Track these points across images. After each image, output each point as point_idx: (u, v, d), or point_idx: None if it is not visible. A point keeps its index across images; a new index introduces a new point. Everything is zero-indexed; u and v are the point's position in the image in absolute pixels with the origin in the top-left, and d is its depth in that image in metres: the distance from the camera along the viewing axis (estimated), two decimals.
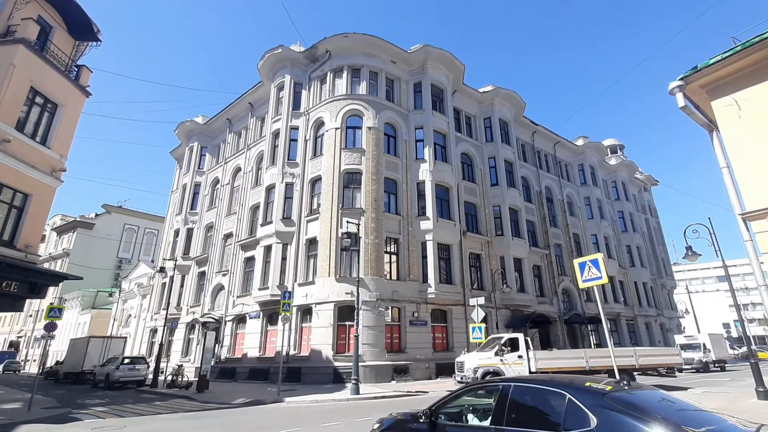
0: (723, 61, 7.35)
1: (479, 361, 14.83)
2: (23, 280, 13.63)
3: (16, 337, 54.44)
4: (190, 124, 33.47)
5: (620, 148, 46.45)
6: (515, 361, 14.43)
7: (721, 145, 7.94)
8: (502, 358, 14.57)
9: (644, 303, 37.81)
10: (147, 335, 32.11)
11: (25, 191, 14.31)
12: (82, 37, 17.63)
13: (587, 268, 10.31)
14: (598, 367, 14.24)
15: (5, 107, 13.41)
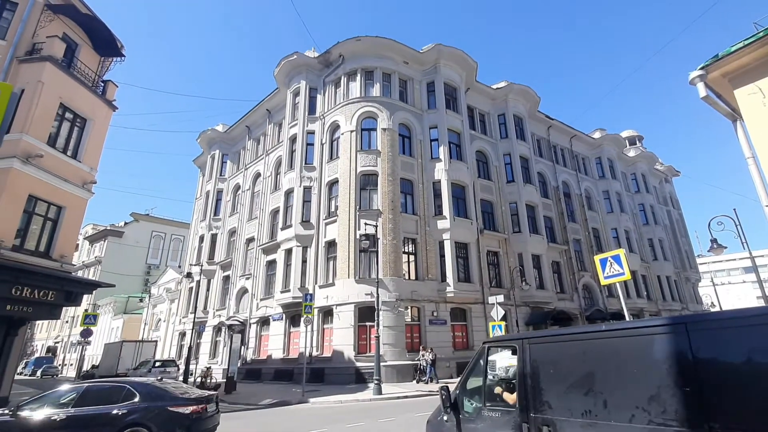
0: (745, 48, 7.19)
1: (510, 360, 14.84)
2: (59, 289, 14.28)
3: (54, 343, 56.73)
4: (211, 133, 34.34)
5: (639, 139, 45.36)
6: None
7: (745, 134, 7.76)
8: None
9: (668, 297, 36.87)
10: (176, 338, 33.09)
11: (59, 204, 14.98)
12: (107, 53, 18.33)
13: (609, 264, 10.20)
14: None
15: (36, 123, 14.06)
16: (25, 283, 12.95)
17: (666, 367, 2.92)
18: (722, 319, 2.97)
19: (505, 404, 4.07)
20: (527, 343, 4.00)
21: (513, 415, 3.83)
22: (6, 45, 14.63)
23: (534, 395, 3.71)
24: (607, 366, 3.32)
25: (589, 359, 3.45)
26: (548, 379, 3.67)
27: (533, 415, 3.63)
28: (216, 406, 8.29)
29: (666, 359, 2.94)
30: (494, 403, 4.19)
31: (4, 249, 12.61)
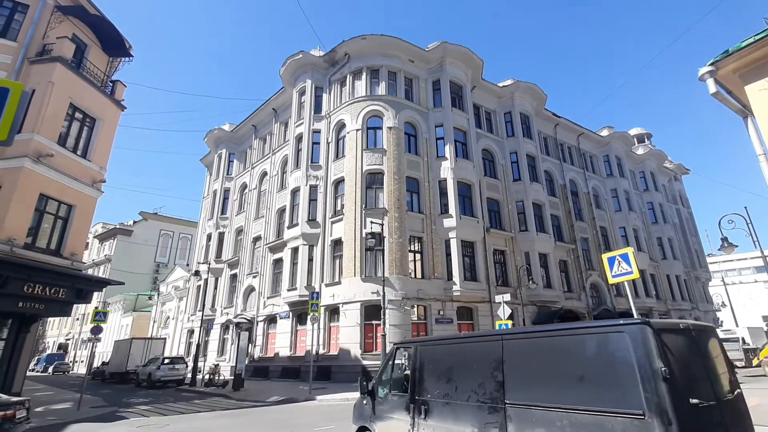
0: (756, 44, 7.08)
1: None
2: (70, 287, 14.51)
3: (65, 340, 57.60)
4: (218, 132, 34.58)
5: (648, 137, 44.85)
6: None
7: (756, 131, 7.65)
8: None
9: (677, 296, 36.44)
10: (185, 336, 33.42)
11: (69, 202, 15.20)
12: (116, 53, 18.54)
13: (617, 263, 10.11)
14: None
15: (47, 123, 14.26)
16: (37, 280, 13.17)
17: (489, 364, 4.34)
18: (521, 333, 4.52)
19: (403, 391, 5.39)
20: (419, 346, 5.44)
21: (405, 399, 5.26)
22: (17, 46, 14.86)
23: (419, 384, 5.10)
24: (460, 363, 4.77)
25: (451, 358, 4.91)
26: (428, 373, 5.07)
27: (417, 398, 5.03)
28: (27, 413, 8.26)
29: (490, 359, 4.35)
30: (397, 390, 5.53)
31: (16, 247, 12.82)
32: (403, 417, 5.11)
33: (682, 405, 3.07)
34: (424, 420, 4.80)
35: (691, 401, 3.18)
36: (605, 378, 3.41)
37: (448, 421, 4.53)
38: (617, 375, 3.33)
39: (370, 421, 5.69)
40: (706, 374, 3.58)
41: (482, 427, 4.13)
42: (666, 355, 3.19)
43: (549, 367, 3.86)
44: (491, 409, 4.12)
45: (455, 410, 4.51)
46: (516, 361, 4.13)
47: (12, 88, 2.80)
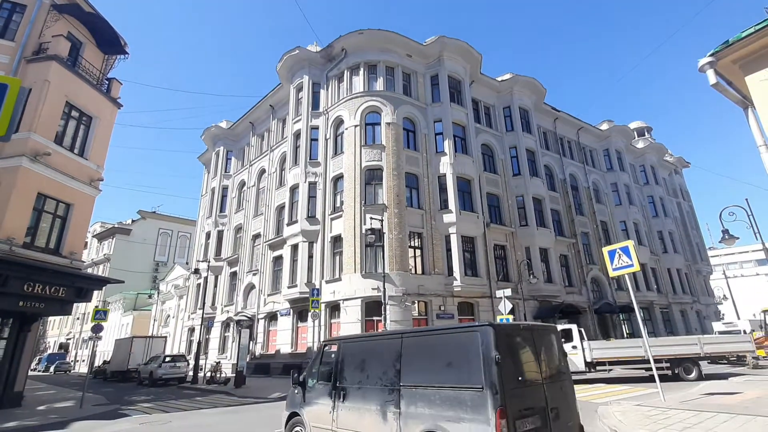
0: (756, 33, 7.02)
1: None
2: (70, 285, 14.53)
3: (65, 339, 57.72)
4: (215, 129, 34.46)
5: (648, 130, 44.76)
6: (570, 352, 14.53)
7: (757, 122, 7.60)
8: None
9: (678, 290, 36.50)
10: (185, 334, 33.46)
11: (67, 201, 15.18)
12: (111, 51, 18.45)
13: (617, 256, 10.15)
14: (658, 356, 14.03)
15: (43, 122, 14.22)
16: (37, 279, 13.17)
17: (391, 357, 5.45)
18: (413, 332, 5.69)
19: (327, 380, 6.32)
20: (342, 343, 6.51)
21: (329, 386, 6.20)
22: (15, 46, 14.79)
23: (340, 374, 6.12)
24: (371, 356, 5.85)
25: (364, 353, 6.01)
26: (347, 364, 6.09)
27: (338, 385, 6.04)
28: None
29: (392, 352, 5.47)
30: (323, 380, 6.46)
31: (15, 246, 12.79)
32: (327, 402, 6.13)
33: (510, 381, 4.29)
34: (342, 402, 5.88)
35: (519, 379, 4.47)
36: (463, 364, 4.60)
37: (359, 402, 5.65)
38: (470, 361, 4.52)
39: (300, 407, 6.65)
40: (537, 361, 4.85)
41: (383, 404, 5.29)
42: (500, 348, 4.39)
43: (430, 357, 5.06)
44: (390, 390, 5.28)
45: (365, 393, 5.63)
46: (409, 354, 5.31)
47: (10, 84, 2.78)
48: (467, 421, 4.31)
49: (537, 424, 4.46)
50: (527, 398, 4.50)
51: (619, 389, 12.90)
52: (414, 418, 4.84)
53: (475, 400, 4.30)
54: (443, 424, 4.50)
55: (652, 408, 8.48)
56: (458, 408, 4.43)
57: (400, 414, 5.00)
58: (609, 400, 10.37)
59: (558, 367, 5.16)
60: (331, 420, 5.91)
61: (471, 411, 4.31)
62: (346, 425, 5.69)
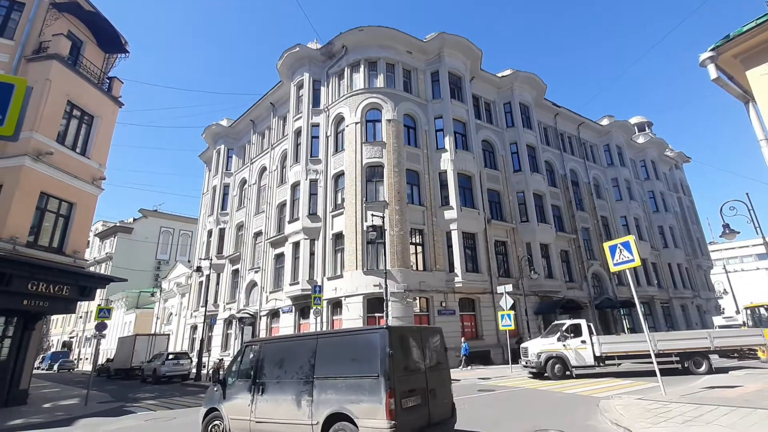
0: (757, 28, 7.01)
1: (542, 347, 15.33)
2: (74, 284, 14.59)
3: (69, 338, 57.95)
4: (215, 128, 34.46)
5: (648, 125, 44.67)
6: (579, 346, 14.80)
7: (758, 116, 7.59)
8: (564, 343, 14.97)
9: (679, 285, 36.55)
10: (188, 332, 33.61)
11: (70, 200, 15.22)
12: (111, 49, 18.42)
13: (618, 251, 10.17)
14: (667, 350, 14.18)
15: (45, 121, 14.22)
16: (41, 278, 13.24)
17: (308, 354, 6.45)
18: (328, 334, 7.03)
19: (247, 378, 7.08)
20: (263, 343, 7.39)
21: (249, 383, 6.96)
22: (14, 45, 14.77)
23: (260, 371, 6.95)
24: (289, 354, 6.78)
25: (284, 351, 6.94)
26: (267, 362, 6.95)
27: (257, 381, 6.86)
28: None
29: (309, 350, 6.48)
30: (243, 378, 7.19)
31: (18, 245, 12.85)
32: (246, 396, 6.89)
33: (399, 370, 5.61)
34: (261, 396, 6.71)
35: (405, 368, 5.83)
36: (365, 358, 5.78)
37: (277, 394, 6.53)
38: (370, 356, 5.71)
39: (219, 403, 7.30)
40: (422, 354, 6.30)
41: (299, 393, 6.24)
42: (393, 345, 5.68)
43: (340, 354, 6.16)
44: (305, 382, 6.24)
45: (283, 386, 6.52)
46: (323, 351, 6.32)
47: (17, 84, 2.81)
48: (366, 402, 5.49)
49: (418, 401, 5.82)
50: (412, 382, 5.86)
51: (621, 383, 12.97)
52: (324, 403, 5.90)
53: (372, 385, 5.51)
54: (347, 406, 5.65)
55: (653, 402, 8.54)
56: (359, 392, 5.60)
57: (313, 401, 6.03)
58: (610, 394, 10.43)
59: (438, 359, 6.60)
60: (249, 411, 6.75)
61: (368, 394, 5.49)
62: (264, 415, 6.58)
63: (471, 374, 16.95)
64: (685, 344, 14.31)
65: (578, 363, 14.68)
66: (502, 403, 10.43)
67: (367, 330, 6.37)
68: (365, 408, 5.45)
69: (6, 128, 2.71)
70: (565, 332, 15.16)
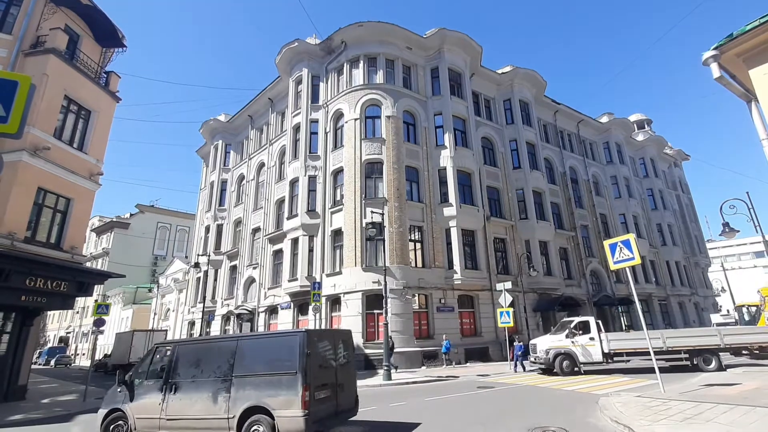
0: (761, 27, 6.98)
1: (551, 343, 15.51)
2: (72, 280, 14.51)
3: (65, 333, 57.82)
4: (213, 123, 34.26)
5: (648, 123, 44.70)
6: (587, 343, 14.97)
7: (760, 115, 7.60)
8: (572, 340, 15.15)
9: (677, 282, 36.74)
10: (186, 327, 33.57)
11: (67, 196, 15.10)
12: (109, 43, 18.23)
13: (618, 249, 10.19)
14: (676, 347, 14.29)
15: (43, 116, 14.09)
16: (39, 274, 13.16)
17: (227, 354, 6.95)
18: (249, 336, 7.47)
19: (158, 378, 7.33)
20: (178, 345, 7.66)
21: (160, 382, 7.20)
22: (12, 39, 14.60)
23: (173, 371, 7.18)
24: (207, 354, 7.20)
25: (201, 352, 7.36)
26: (182, 363, 7.25)
27: (170, 381, 7.12)
28: None
29: (228, 351, 6.98)
30: (153, 378, 7.42)
31: (16, 241, 12.77)
32: (157, 396, 7.13)
33: (313, 366, 6.46)
34: (173, 395, 6.98)
35: (319, 365, 6.70)
36: (285, 357, 6.50)
37: (192, 392, 6.89)
38: (290, 356, 6.46)
39: (123, 404, 7.49)
40: (334, 353, 7.25)
41: (216, 391, 6.70)
42: (311, 345, 6.56)
43: (260, 354, 6.81)
44: (224, 380, 6.73)
45: (199, 385, 6.91)
46: (243, 352, 6.88)
47: (20, 81, 2.77)
48: (283, 395, 6.23)
49: (329, 393, 6.78)
50: (324, 377, 6.77)
51: (620, 380, 13.04)
52: (241, 398, 6.48)
53: (290, 381, 6.28)
54: (265, 399, 6.33)
55: (653, 399, 8.58)
56: (277, 388, 6.33)
57: (230, 397, 6.56)
58: (609, 391, 10.49)
59: (347, 357, 7.58)
60: (160, 410, 7.01)
61: (286, 388, 6.25)
62: (177, 412, 6.89)
63: (469, 371, 17.01)
64: (695, 341, 14.40)
65: (586, 359, 14.89)
66: (502, 400, 10.47)
67: (287, 333, 7.10)
68: (282, 400, 6.20)
69: (10, 126, 2.67)
70: (573, 329, 15.38)
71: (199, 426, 6.73)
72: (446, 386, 13.35)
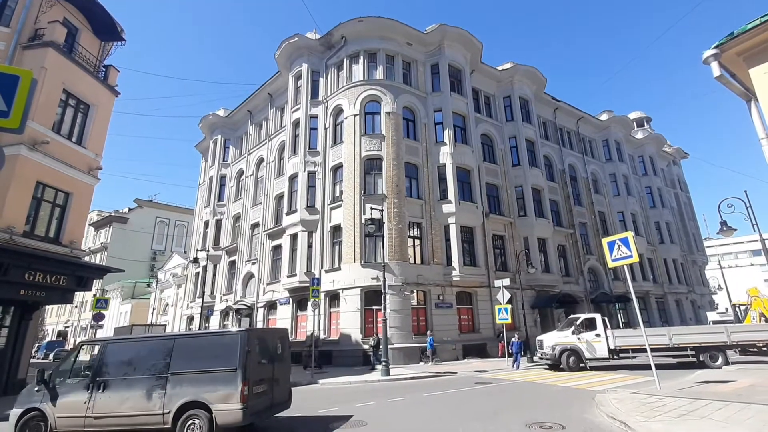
0: (761, 26, 6.98)
1: (557, 340, 15.76)
2: (71, 274, 14.51)
3: (64, 327, 57.83)
4: (212, 118, 34.14)
5: (647, 120, 44.70)
6: (593, 339, 15.22)
7: (759, 114, 7.62)
8: (578, 336, 15.36)
9: (674, 280, 36.91)
10: (184, 322, 33.62)
11: (66, 190, 15.06)
12: (107, 37, 18.11)
13: (616, 247, 10.23)
14: (683, 344, 14.42)
15: (41, 110, 14.01)
16: (38, 268, 13.16)
17: (163, 352, 7.09)
18: (187, 335, 8.15)
19: (83, 376, 7.24)
20: (107, 343, 7.61)
21: (86, 381, 7.09)
22: (10, 32, 14.50)
23: (101, 369, 7.14)
24: (141, 352, 7.27)
25: (134, 350, 7.41)
26: (111, 361, 7.23)
27: (98, 379, 7.05)
28: None
29: (165, 349, 7.14)
30: (76, 376, 7.34)
31: (15, 235, 12.76)
32: (82, 394, 7.02)
33: (252, 363, 6.86)
34: (101, 393, 6.94)
35: (258, 362, 7.17)
36: (225, 355, 6.82)
37: (123, 389, 6.92)
38: (231, 353, 6.81)
39: (41, 403, 7.25)
40: (274, 350, 7.83)
41: (151, 388, 6.81)
42: (251, 343, 6.99)
43: (200, 352, 7.03)
44: (159, 377, 6.87)
45: (131, 382, 6.93)
46: (180, 350, 7.08)
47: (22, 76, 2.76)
48: (222, 390, 6.56)
49: (265, 388, 7.22)
50: (262, 373, 7.21)
51: (617, 377, 13.14)
52: (178, 394, 6.68)
53: (230, 376, 6.64)
54: (203, 395, 6.60)
55: (648, 396, 8.65)
56: (216, 383, 6.65)
57: (166, 393, 6.72)
58: (606, 387, 10.57)
59: (282, 354, 8.07)
60: (86, 408, 6.92)
61: (225, 384, 6.59)
62: (105, 410, 6.86)
63: (467, 366, 17.11)
64: (702, 338, 14.53)
65: (591, 355, 15.11)
66: (499, 395, 10.54)
67: (228, 332, 7.40)
68: (221, 395, 6.54)
69: (12, 120, 2.67)
70: (579, 326, 15.57)
71: (130, 423, 6.78)
72: (444, 382, 13.43)
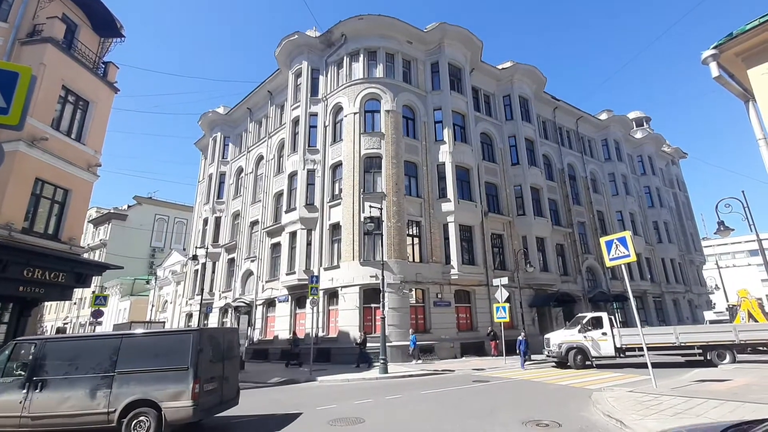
0: (760, 27, 6.99)
1: (564, 338, 15.95)
2: (70, 271, 14.51)
3: (63, 324, 57.81)
4: (212, 115, 34.09)
5: (646, 120, 44.74)
6: (599, 338, 15.36)
7: (757, 115, 7.63)
8: (585, 334, 15.52)
9: (672, 279, 37.03)
10: (183, 320, 33.67)
11: (65, 187, 15.03)
12: (107, 33, 18.05)
13: (614, 247, 10.27)
14: (690, 343, 14.52)
15: (40, 106, 13.97)
16: (37, 265, 13.16)
17: (109, 351, 7.05)
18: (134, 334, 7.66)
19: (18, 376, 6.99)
20: (45, 342, 7.36)
21: (22, 380, 6.88)
22: (8, 27, 14.44)
23: (39, 368, 6.94)
24: (85, 351, 7.16)
25: (77, 349, 7.27)
26: (51, 360, 7.02)
27: (35, 378, 6.84)
28: None
29: (110, 348, 7.10)
30: (9, 376, 7.06)
31: (14, 232, 12.76)
32: (16, 394, 6.81)
33: (203, 361, 7.03)
34: (39, 392, 6.76)
35: (209, 360, 7.29)
36: (177, 354, 6.95)
37: (64, 389, 6.79)
38: (183, 351, 6.95)
39: None
40: (226, 348, 8.05)
41: (95, 387, 6.76)
42: (203, 342, 7.17)
43: (149, 351, 7.09)
44: (104, 376, 6.83)
45: (72, 382, 6.82)
46: (128, 349, 7.10)
47: (21, 72, 2.77)
48: (172, 388, 6.68)
49: (215, 385, 7.41)
50: (212, 371, 7.38)
51: (614, 375, 13.21)
52: (125, 393, 6.70)
53: (181, 375, 6.79)
54: (153, 393, 6.67)
55: (644, 394, 8.71)
56: (165, 382, 6.74)
57: (111, 392, 6.72)
58: (602, 386, 10.62)
59: (232, 353, 8.30)
60: (21, 408, 6.73)
61: (176, 382, 6.71)
62: (43, 410, 6.69)
63: (465, 365, 17.16)
64: (709, 337, 14.61)
65: (597, 353, 15.24)
66: (496, 393, 10.59)
67: (181, 331, 7.74)
68: (171, 393, 6.65)
69: (11, 117, 2.68)
70: (586, 324, 15.70)
71: (71, 422, 6.66)
72: (442, 380, 13.49)
